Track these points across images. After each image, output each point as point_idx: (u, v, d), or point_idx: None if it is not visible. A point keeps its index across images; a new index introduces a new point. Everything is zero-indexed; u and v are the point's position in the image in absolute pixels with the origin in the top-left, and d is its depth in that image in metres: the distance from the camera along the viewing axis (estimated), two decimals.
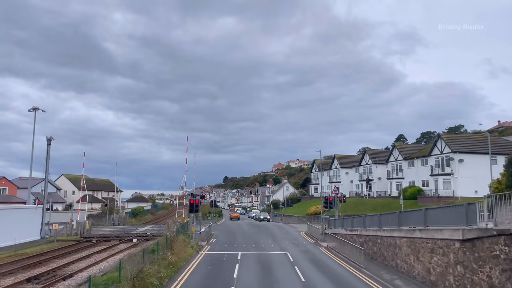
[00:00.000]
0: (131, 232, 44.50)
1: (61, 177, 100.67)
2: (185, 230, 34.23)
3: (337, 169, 76.07)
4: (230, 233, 43.03)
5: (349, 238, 30.16)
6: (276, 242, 34.13)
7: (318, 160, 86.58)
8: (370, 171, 65.93)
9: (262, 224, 60.60)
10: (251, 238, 37.38)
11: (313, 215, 60.23)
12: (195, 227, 41.82)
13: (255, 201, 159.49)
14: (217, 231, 44.67)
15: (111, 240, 36.92)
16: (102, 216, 60.19)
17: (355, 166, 71.49)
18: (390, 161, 62.28)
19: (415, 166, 56.51)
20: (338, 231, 34.08)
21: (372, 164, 65.48)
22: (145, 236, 39.92)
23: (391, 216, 22.88)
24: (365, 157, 67.89)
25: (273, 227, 51.96)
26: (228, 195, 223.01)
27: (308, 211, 62.12)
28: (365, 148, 67.94)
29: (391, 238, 21.72)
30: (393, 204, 54.88)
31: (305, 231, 44.45)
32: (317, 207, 61.67)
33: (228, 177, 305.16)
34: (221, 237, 38.32)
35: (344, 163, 74.93)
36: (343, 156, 77.82)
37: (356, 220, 30.77)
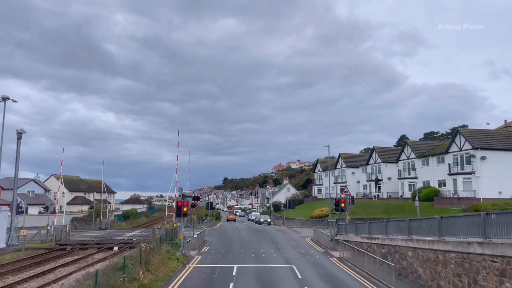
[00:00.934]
0: (115, 238, 39.64)
1: (51, 178, 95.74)
2: (172, 237, 29.41)
3: (342, 169, 71.18)
4: (226, 239, 38.17)
5: (366, 247, 25.28)
6: (279, 250, 29.27)
7: (321, 160, 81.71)
8: (379, 171, 61.05)
9: (262, 228, 55.70)
10: (250, 245, 32.52)
11: (318, 218, 55.35)
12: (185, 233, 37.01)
13: (255, 203, 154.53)
14: (212, 237, 39.80)
15: (89, 249, 32.04)
16: (88, 220, 55.32)
17: (362, 165, 66.62)
18: (401, 159, 57.41)
19: (430, 165, 51.62)
20: (351, 238, 29.21)
21: (381, 163, 60.61)
22: (130, 243, 35.06)
23: (428, 223, 17.99)
24: (373, 155, 63.03)
25: (275, 231, 47.11)
26: (228, 197, 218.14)
27: (313, 214, 57.22)
28: (373, 146, 62.91)
29: (430, 252, 16.84)
30: (406, 206, 50.01)
31: (311, 237, 39.58)
32: (322, 209, 56.80)
33: (227, 179, 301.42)
34: (216, 245, 33.45)
35: (350, 162, 70.07)
36: (349, 155, 72.93)
37: (375, 226, 25.89)
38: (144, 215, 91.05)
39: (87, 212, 60.41)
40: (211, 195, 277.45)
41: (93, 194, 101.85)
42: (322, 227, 50.99)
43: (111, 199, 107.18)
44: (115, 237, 41.70)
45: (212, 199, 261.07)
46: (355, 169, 68.71)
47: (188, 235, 37.73)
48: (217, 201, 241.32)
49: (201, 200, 54.66)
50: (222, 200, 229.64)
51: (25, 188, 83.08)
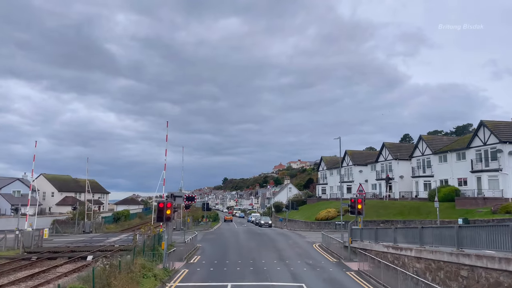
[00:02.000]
0: (95, 244, 34.81)
1: (40, 177, 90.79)
2: (155, 245, 24.54)
3: (349, 167, 66.24)
4: (222, 245, 33.26)
5: (392, 259, 20.38)
6: (283, 261, 24.37)
7: (326, 157, 76.82)
8: (390, 168, 56.11)
9: (263, 231, 50.78)
10: (249, 254, 27.62)
11: (324, 220, 50.41)
12: (175, 237, 32.13)
13: (255, 203, 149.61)
14: (205, 243, 34.90)
15: (58, 258, 27.13)
16: (72, 222, 50.45)
17: (371, 163, 61.68)
18: (415, 156, 52.50)
19: (448, 161, 46.70)
20: (370, 246, 24.32)
21: (392, 160, 55.67)
22: (109, 251, 30.18)
23: (491, 232, 13.07)
24: (383, 152, 58.09)
25: (277, 235, 42.19)
26: (227, 197, 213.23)
27: (318, 216, 52.28)
28: (384, 142, 57.99)
29: (502, 274, 11.93)
30: (423, 207, 45.12)
31: (319, 243, 34.66)
32: (328, 210, 51.86)
33: (227, 179, 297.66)
34: (209, 253, 28.56)
35: (358, 160, 65.13)
36: (356, 152, 67.98)
37: (402, 232, 20.97)
38: (138, 217, 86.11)
39: (72, 214, 55.50)
40: (211, 195, 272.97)
41: (85, 194, 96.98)
42: (329, 230, 46.08)
43: (104, 199, 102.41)
44: (96, 242, 36.87)
45: (211, 199, 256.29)
46: (363, 167, 63.78)
47: (180, 239, 32.96)
48: (216, 202, 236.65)
49: (195, 201, 49.69)
50: (221, 200, 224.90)
51: (10, 188, 78.18)
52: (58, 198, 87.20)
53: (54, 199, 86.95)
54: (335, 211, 51.13)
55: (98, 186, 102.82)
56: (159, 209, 20.83)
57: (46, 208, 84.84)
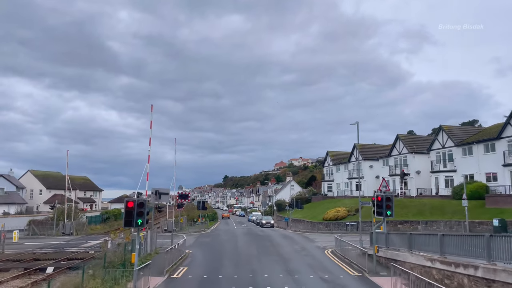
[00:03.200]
0: (67, 250, 29.62)
1: (27, 174, 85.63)
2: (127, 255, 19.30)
3: (358, 162, 60.71)
4: (216, 251, 27.97)
5: (441, 277, 15.13)
6: (291, 275, 19.10)
7: (332, 152, 71.48)
8: (405, 163, 50.75)
9: (264, 232, 45.52)
10: (248, 263, 22.37)
11: (333, 221, 45.11)
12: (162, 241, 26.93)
13: (256, 201, 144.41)
14: (197, 248, 29.64)
15: (11, 269, 21.89)
16: (51, 223, 45.28)
17: (383, 157, 56.30)
18: (434, 148, 47.13)
19: (474, 154, 41.36)
20: (403, 256, 19.08)
21: (407, 153, 50.31)
22: (80, 259, 25.01)
23: None
24: (397, 145, 52.70)
25: (281, 238, 36.90)
26: (228, 195, 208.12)
27: (326, 216, 46.95)
28: (398, 134, 52.63)
29: None
30: (447, 206, 39.83)
31: (331, 248, 29.36)
32: (337, 210, 46.54)
33: (228, 177, 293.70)
34: (199, 262, 23.29)
35: (368, 154, 59.78)
36: (366, 146, 62.58)
37: (453, 240, 15.65)
38: None
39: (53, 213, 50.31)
40: (211, 193, 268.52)
41: (76, 192, 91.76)
42: (340, 232, 40.79)
43: (97, 197, 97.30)
44: (71, 247, 31.67)
45: (211, 197, 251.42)
46: (374, 162, 58.44)
47: (168, 244, 27.82)
48: (216, 200, 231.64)
49: (189, 199, 44.40)
50: (222, 198, 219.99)
51: None
52: (46, 196, 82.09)
53: (42, 197, 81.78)
54: (345, 211, 45.86)
55: (91, 184, 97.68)
56: (127, 211, 15.50)
57: (33, 207, 79.73)
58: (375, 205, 20.79)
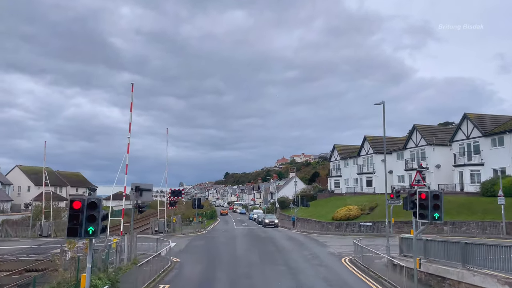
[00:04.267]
0: (34, 257, 24.85)
1: (15, 169, 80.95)
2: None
3: (369, 156, 55.85)
4: (210, 259, 23.04)
5: None
6: None
7: (339, 146, 66.49)
8: (423, 156, 45.78)
9: (268, 233, 40.68)
10: (248, 277, 17.54)
11: (344, 220, 40.17)
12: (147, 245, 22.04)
13: (257, 198, 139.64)
14: (188, 255, 24.77)
15: None
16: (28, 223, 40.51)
17: (397, 150, 51.28)
18: (457, 139, 42.15)
19: (505, 145, 36.41)
20: (456, 274, 14.17)
21: (426, 145, 45.33)
22: (40, 270, 20.22)
23: None
24: (414, 136, 47.68)
25: (287, 242, 31.99)
26: (228, 192, 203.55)
27: (336, 215, 42.02)
28: (414, 124, 47.59)
29: None
30: (476, 204, 34.98)
31: (348, 255, 24.46)
32: (349, 208, 41.62)
33: (229, 173, 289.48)
34: (186, 276, 18.44)
35: (380, 147, 54.68)
36: (378, 138, 57.44)
37: None
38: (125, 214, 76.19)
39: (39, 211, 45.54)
40: (211, 190, 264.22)
41: (68, 188, 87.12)
42: (353, 234, 35.98)
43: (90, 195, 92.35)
44: (38, 253, 26.93)
45: (212, 194, 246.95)
46: (387, 156, 53.27)
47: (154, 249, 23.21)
48: (217, 197, 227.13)
49: (183, 196, 39.55)
50: (222, 195, 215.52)
51: None
52: (35, 193, 77.29)
53: (31, 194, 77.05)
54: (357, 209, 40.94)
55: (83, 180, 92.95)
56: (72, 214, 10.53)
57: (21, 204, 75.00)
58: (417, 205, 15.65)
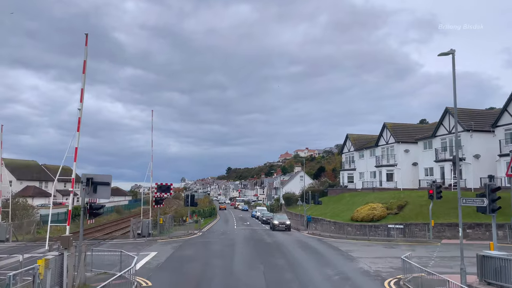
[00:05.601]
0: None
1: None
2: None
3: (389, 146, 48.65)
4: (194, 284, 16.04)
5: None
6: None
7: (353, 135, 59.33)
8: (458, 145, 38.49)
9: (274, 237, 33.69)
10: None
11: (367, 222, 33.06)
12: (106, 256, 15.11)
13: (260, 194, 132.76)
14: (163, 275, 17.70)
15: None
16: None
17: (424, 138, 44.02)
18: (502, 124, 34.98)
19: None
20: None
21: (462, 132, 38.09)
22: None
23: None
24: (445, 121, 40.44)
25: (301, 251, 24.92)
26: (230, 187, 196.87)
27: (356, 215, 34.92)
28: (447, 107, 40.32)
29: None
30: None
31: (388, 274, 17.35)
32: (372, 207, 34.52)
33: (231, 168, 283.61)
34: None
35: (403, 136, 47.60)
36: (399, 126, 50.20)
37: None
38: (116, 211, 69.58)
39: None
40: (213, 185, 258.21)
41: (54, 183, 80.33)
42: (380, 239, 28.99)
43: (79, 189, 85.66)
44: None
45: (214, 189, 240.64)
46: (410, 146, 46.24)
47: (125, 263, 16.57)
48: (219, 192, 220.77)
49: (172, 193, 32.60)
50: (224, 191, 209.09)
51: None
52: (17, 189, 70.46)
53: (12, 189, 70.44)
54: (383, 208, 33.84)
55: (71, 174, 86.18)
56: None
57: None
58: None
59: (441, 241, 27.44)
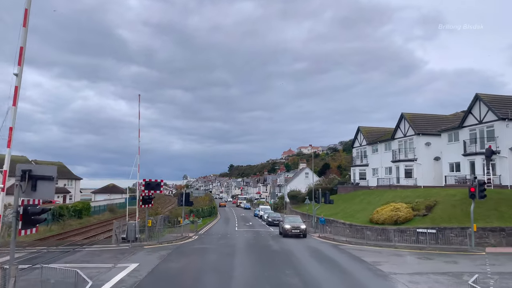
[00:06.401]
0: None
1: None
2: None
3: (407, 139, 43.83)
4: None
5: None
6: None
7: (365, 128, 54.53)
8: (490, 136, 33.73)
9: (282, 244, 29.05)
10: None
11: (390, 225, 28.31)
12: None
13: (263, 192, 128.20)
14: None
15: None
16: None
17: (448, 129, 39.14)
18: None
19: None
20: None
21: (494, 121, 33.26)
22: None
23: None
24: (475, 109, 35.55)
25: (315, 264, 20.16)
26: (232, 185, 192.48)
27: (377, 216, 30.16)
28: (477, 93, 35.39)
29: None
30: None
31: None
32: (396, 207, 29.69)
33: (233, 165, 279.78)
34: None
35: (423, 127, 42.78)
36: (419, 116, 45.26)
37: None
38: (109, 210, 65.05)
39: None
40: (215, 183, 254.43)
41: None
42: (408, 245, 24.23)
43: (73, 187, 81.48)
44: None
45: (216, 187, 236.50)
46: (432, 138, 41.43)
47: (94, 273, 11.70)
48: (221, 190, 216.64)
49: (162, 191, 27.85)
50: (226, 188, 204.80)
51: None
52: None
53: None
54: (408, 209, 29.07)
55: (65, 171, 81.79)
56: None
57: None
58: None
59: (485, 249, 22.67)
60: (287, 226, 32.45)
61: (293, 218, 36.56)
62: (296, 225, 32.64)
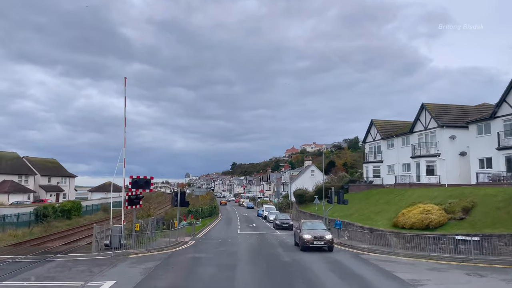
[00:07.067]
0: None
1: None
2: None
3: (429, 132, 39.43)
4: None
5: None
6: None
7: (379, 121, 50.21)
8: None
9: (294, 256, 24.89)
10: None
11: (421, 230, 23.99)
12: None
13: (267, 190, 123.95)
14: None
15: None
16: None
17: (476, 121, 34.69)
18: None
19: None
20: None
21: None
22: None
23: None
24: (510, 97, 31.16)
25: (343, 285, 16.12)
26: (235, 183, 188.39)
27: (402, 219, 25.82)
28: None
29: None
30: None
31: None
32: (426, 209, 25.35)
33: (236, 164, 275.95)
34: None
35: (447, 118, 38.41)
36: (442, 107, 40.76)
37: None
38: (103, 209, 61.10)
39: None
40: (218, 181, 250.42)
41: (36, 177, 72.00)
42: (445, 256, 19.89)
43: (67, 185, 77.54)
44: None
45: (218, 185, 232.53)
46: (458, 131, 37.04)
47: None
48: (223, 188, 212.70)
49: (152, 189, 23.56)
50: (229, 186, 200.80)
51: None
52: None
53: None
54: (440, 211, 24.74)
55: (59, 168, 77.86)
56: None
57: None
58: None
59: None
60: (307, 236, 23.98)
61: (312, 223, 27.04)
62: (319, 234, 24.18)
